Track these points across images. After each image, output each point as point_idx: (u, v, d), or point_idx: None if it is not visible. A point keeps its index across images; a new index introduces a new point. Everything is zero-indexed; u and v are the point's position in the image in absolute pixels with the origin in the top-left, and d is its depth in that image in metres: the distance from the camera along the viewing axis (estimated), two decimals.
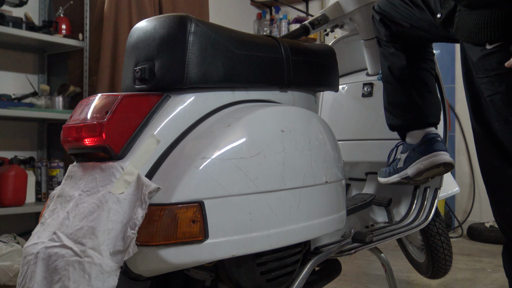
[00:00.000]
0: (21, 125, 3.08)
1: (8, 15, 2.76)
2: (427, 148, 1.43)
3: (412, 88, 1.47)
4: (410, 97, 1.46)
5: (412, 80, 1.47)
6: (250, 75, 1.18)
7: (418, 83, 1.47)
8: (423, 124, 1.46)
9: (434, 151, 1.42)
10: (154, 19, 1.13)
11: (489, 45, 1.07)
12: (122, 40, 2.95)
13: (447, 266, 1.96)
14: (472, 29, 1.10)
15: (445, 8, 1.25)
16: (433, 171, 1.43)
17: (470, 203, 3.78)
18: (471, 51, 1.13)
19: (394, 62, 1.49)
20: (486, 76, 1.10)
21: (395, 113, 1.51)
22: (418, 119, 1.47)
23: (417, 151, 1.45)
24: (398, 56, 1.48)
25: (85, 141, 1.01)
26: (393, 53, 1.49)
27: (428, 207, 1.69)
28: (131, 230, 0.92)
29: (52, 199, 1.07)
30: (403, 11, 1.41)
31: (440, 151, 1.42)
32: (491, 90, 1.09)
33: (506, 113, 1.08)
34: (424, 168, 1.42)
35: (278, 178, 1.08)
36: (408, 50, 1.48)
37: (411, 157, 1.46)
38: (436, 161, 1.41)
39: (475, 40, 1.10)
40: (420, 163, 1.43)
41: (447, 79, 3.72)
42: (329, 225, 1.22)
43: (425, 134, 1.45)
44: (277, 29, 4.44)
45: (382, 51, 1.54)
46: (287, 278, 1.21)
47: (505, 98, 1.07)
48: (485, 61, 1.09)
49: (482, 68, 1.10)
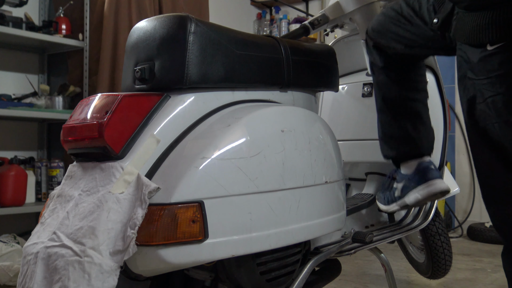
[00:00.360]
0: (21, 125, 3.08)
1: (8, 15, 2.76)
2: (421, 178, 1.45)
3: (407, 121, 1.48)
4: (404, 130, 1.48)
5: (406, 112, 1.48)
6: (250, 75, 1.18)
7: (412, 116, 1.48)
8: (417, 155, 1.48)
9: (429, 180, 1.44)
10: (154, 19, 1.14)
11: (490, 46, 1.07)
12: (122, 40, 2.95)
13: (447, 266, 1.96)
14: (472, 30, 1.09)
15: (441, 12, 1.25)
16: (430, 199, 1.47)
17: (470, 203, 3.78)
18: (471, 53, 1.13)
19: (389, 93, 1.49)
20: (487, 77, 1.09)
21: (390, 145, 1.52)
22: (412, 151, 1.49)
23: (413, 181, 1.47)
24: (392, 87, 1.49)
25: (85, 141, 1.01)
26: (387, 83, 1.49)
27: (428, 207, 1.69)
28: (131, 230, 0.92)
29: (52, 199, 1.07)
30: (396, 31, 1.41)
31: (435, 179, 1.44)
32: (492, 91, 1.09)
33: (507, 114, 1.08)
34: (422, 198, 1.45)
35: (278, 178, 1.08)
36: (402, 80, 1.48)
37: (407, 186, 1.48)
38: (432, 190, 1.43)
39: (475, 41, 1.09)
40: (417, 193, 1.45)
41: (447, 79, 3.72)
42: (329, 225, 1.22)
43: (419, 164, 1.47)
44: (277, 29, 4.45)
45: (376, 80, 1.54)
46: (287, 278, 1.21)
47: (506, 99, 1.07)
48: (486, 62, 1.09)
49: (482, 70, 1.10)
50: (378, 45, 1.48)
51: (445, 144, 1.73)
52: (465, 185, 3.79)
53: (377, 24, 1.48)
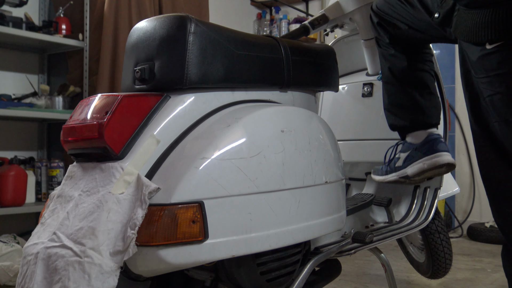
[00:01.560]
0: (21, 125, 3.08)
1: (8, 15, 2.76)
2: (430, 148, 1.44)
3: (415, 89, 1.48)
4: (413, 98, 1.47)
5: (414, 81, 1.48)
6: (250, 75, 1.18)
7: (420, 85, 1.48)
8: (426, 124, 1.47)
9: (438, 151, 1.43)
10: (154, 19, 1.13)
11: (489, 45, 1.07)
12: (122, 40, 2.95)
13: (447, 266, 1.96)
14: (472, 29, 1.09)
15: (442, 7, 1.25)
16: (435, 171, 1.44)
17: (470, 203, 3.78)
18: (470, 51, 1.12)
19: (395, 64, 1.49)
20: (486, 76, 1.09)
21: (398, 114, 1.51)
22: (421, 120, 1.48)
23: (420, 151, 1.45)
24: (398, 58, 1.49)
25: (85, 142, 1.01)
26: (393, 55, 1.49)
27: (428, 207, 1.69)
28: (131, 230, 0.92)
29: (52, 199, 1.07)
30: (400, 11, 1.41)
31: (444, 152, 1.43)
32: (491, 90, 1.09)
33: (506, 113, 1.08)
34: (427, 168, 1.43)
35: (278, 178, 1.08)
36: (408, 52, 1.48)
37: (413, 156, 1.47)
38: (439, 161, 1.42)
39: (474, 39, 1.09)
40: (423, 163, 1.43)
41: (447, 79, 3.72)
42: (329, 225, 1.22)
43: (428, 135, 1.46)
44: (277, 29, 4.44)
45: (381, 52, 1.54)
46: (287, 278, 1.21)
47: (505, 98, 1.07)
48: (485, 61, 1.08)
49: (481, 68, 1.10)
50: (383, 22, 1.48)
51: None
52: (465, 185, 3.79)
53: (383, 3, 1.48)
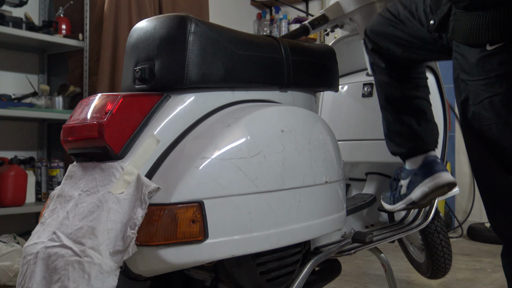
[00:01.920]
0: (21, 125, 3.08)
1: (8, 15, 2.76)
2: (428, 171, 1.45)
3: (412, 117, 1.49)
4: (410, 127, 1.49)
5: (411, 110, 1.49)
6: (250, 75, 1.18)
7: (417, 112, 1.49)
8: (423, 151, 1.48)
9: (436, 172, 1.43)
10: (154, 19, 1.13)
11: (489, 46, 1.06)
12: (122, 40, 2.95)
13: (446, 265, 1.96)
14: (471, 30, 1.09)
15: (437, 14, 1.25)
16: (437, 192, 1.45)
17: (470, 203, 3.78)
18: (468, 53, 1.12)
19: (392, 92, 1.50)
20: (485, 77, 1.09)
21: (397, 142, 1.53)
22: (418, 146, 1.49)
23: (419, 175, 1.46)
24: (394, 86, 1.49)
25: (85, 141, 1.01)
26: (389, 83, 1.50)
27: (428, 207, 1.69)
28: (131, 230, 0.92)
29: (52, 199, 1.07)
30: (394, 32, 1.41)
31: (442, 172, 1.43)
32: (491, 92, 1.08)
33: (506, 115, 1.08)
34: (429, 191, 1.43)
35: (278, 178, 1.08)
36: (403, 79, 1.49)
37: (414, 181, 1.47)
38: (439, 182, 1.42)
39: (474, 41, 1.09)
40: (424, 186, 1.44)
41: (447, 79, 3.70)
42: (329, 225, 1.22)
43: (424, 158, 1.47)
44: (277, 29, 4.44)
45: (377, 80, 1.54)
46: (287, 278, 1.21)
47: (505, 99, 1.07)
48: (485, 62, 1.08)
49: (481, 70, 1.09)
50: (377, 47, 1.48)
51: (445, 144, 1.73)
52: (465, 185, 3.79)
53: (375, 26, 1.48)
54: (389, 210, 1.62)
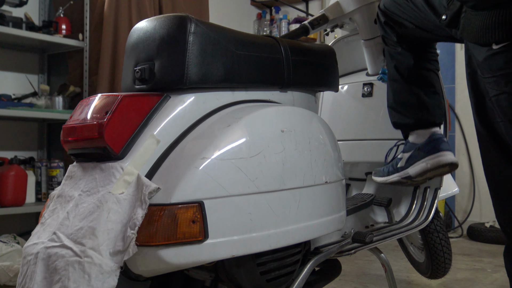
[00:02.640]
0: (21, 125, 3.08)
1: (8, 15, 2.76)
2: (433, 148, 1.44)
3: (420, 88, 1.48)
4: (418, 97, 1.48)
5: (420, 80, 1.49)
6: (250, 75, 1.18)
7: (425, 84, 1.49)
8: (430, 123, 1.48)
9: (441, 150, 1.43)
10: (154, 19, 1.13)
11: (495, 45, 1.07)
12: (122, 40, 2.95)
13: (446, 265, 1.96)
14: (479, 30, 1.10)
15: (450, 9, 1.25)
16: (438, 170, 1.44)
17: (470, 203, 3.78)
18: (477, 52, 1.13)
19: (401, 62, 1.50)
20: (492, 76, 1.10)
21: (402, 112, 1.52)
22: (426, 118, 1.48)
23: (423, 150, 1.45)
24: (404, 56, 1.49)
25: (85, 141, 1.01)
26: (400, 53, 1.50)
27: (428, 207, 1.69)
28: (131, 230, 0.92)
29: (52, 199, 1.07)
30: (408, 11, 1.42)
31: (447, 151, 1.43)
32: (497, 89, 1.09)
33: (511, 113, 1.09)
34: (430, 167, 1.43)
35: (278, 178, 1.08)
36: (414, 50, 1.49)
37: (415, 156, 1.46)
38: (442, 160, 1.42)
39: (481, 40, 1.10)
40: (426, 162, 1.43)
41: (447, 79, 3.72)
42: (329, 225, 1.22)
43: (431, 134, 1.46)
44: (277, 29, 4.44)
45: (388, 50, 1.54)
46: (287, 278, 1.21)
47: (511, 97, 1.08)
48: (492, 61, 1.09)
49: (488, 68, 1.10)
50: (390, 22, 1.49)
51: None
52: (465, 185, 3.79)
53: (389, 3, 1.48)
54: (380, 182, 1.61)
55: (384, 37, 1.55)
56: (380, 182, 1.61)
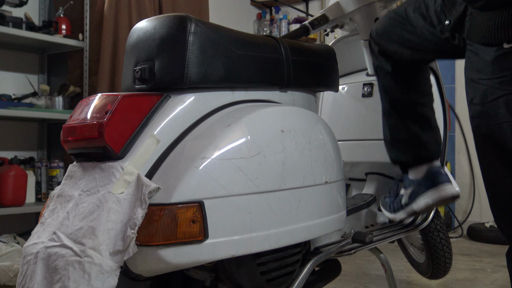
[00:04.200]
0: (21, 125, 3.08)
1: (8, 15, 2.76)
2: (432, 182, 1.42)
3: (416, 124, 1.46)
4: (415, 134, 1.46)
5: (415, 116, 1.46)
6: (250, 75, 1.18)
7: (421, 120, 1.47)
8: (427, 159, 1.46)
9: (440, 184, 1.41)
10: (154, 19, 1.14)
11: (507, 44, 1.07)
12: (122, 40, 2.95)
13: (447, 265, 1.96)
14: (488, 30, 1.09)
15: (453, 14, 1.24)
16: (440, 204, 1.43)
17: (470, 203, 3.78)
18: (484, 53, 1.12)
19: (397, 97, 1.47)
20: (501, 75, 1.09)
21: (399, 149, 1.50)
22: (424, 155, 1.46)
23: (423, 186, 1.44)
24: (400, 91, 1.46)
25: (85, 141, 1.01)
26: (394, 88, 1.47)
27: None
28: (131, 230, 0.92)
29: (52, 199, 1.07)
30: (402, 35, 1.38)
31: (446, 184, 1.42)
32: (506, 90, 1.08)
33: None
34: (432, 203, 1.42)
35: (278, 178, 1.08)
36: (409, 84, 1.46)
37: (416, 192, 1.45)
38: (443, 195, 1.40)
39: (491, 40, 1.09)
40: (428, 198, 1.42)
41: (447, 79, 3.72)
42: (329, 225, 1.22)
43: (429, 168, 1.45)
44: (277, 29, 4.44)
45: (382, 84, 1.51)
46: (287, 278, 1.21)
47: None
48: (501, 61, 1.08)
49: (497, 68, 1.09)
50: (384, 50, 1.46)
51: (445, 144, 1.73)
52: (465, 185, 3.80)
53: (382, 29, 1.46)
54: (389, 218, 1.61)
55: (377, 68, 1.51)
56: (389, 218, 1.61)
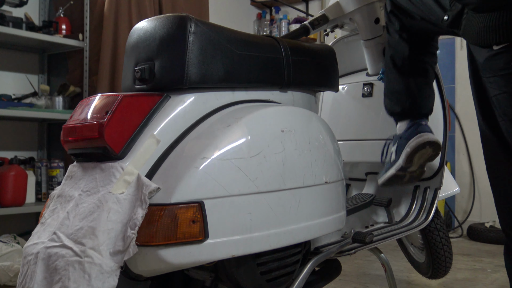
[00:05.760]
0: (21, 125, 3.08)
1: (8, 15, 2.76)
2: (412, 132, 1.48)
3: (411, 77, 1.51)
4: (407, 86, 1.51)
5: (412, 71, 1.52)
6: (250, 75, 1.18)
7: (417, 74, 1.52)
8: (416, 114, 1.51)
9: (418, 133, 1.45)
10: (154, 19, 1.13)
11: (496, 46, 1.09)
12: (122, 40, 2.95)
13: (447, 264, 1.96)
14: (479, 32, 1.11)
15: (452, 10, 1.26)
16: (420, 153, 1.46)
17: (470, 203, 3.78)
18: (478, 53, 1.15)
19: (398, 51, 1.53)
20: (493, 76, 1.11)
21: (393, 99, 1.56)
22: (412, 108, 1.51)
23: (404, 138, 1.49)
24: (402, 46, 1.52)
25: (85, 141, 1.01)
26: (398, 42, 1.53)
27: (428, 207, 1.69)
28: (131, 230, 0.92)
29: (52, 199, 1.07)
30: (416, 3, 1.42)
31: (425, 132, 1.45)
32: (498, 89, 1.11)
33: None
34: (411, 151, 1.45)
35: (278, 178, 1.08)
36: (414, 42, 1.52)
37: (400, 145, 1.50)
38: (420, 141, 1.45)
39: (482, 42, 1.11)
40: (407, 147, 1.46)
41: (447, 79, 3.73)
42: (329, 225, 1.22)
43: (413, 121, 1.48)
44: (277, 29, 4.44)
45: (388, 39, 1.58)
46: (287, 278, 1.21)
47: (511, 97, 1.09)
48: (492, 62, 1.11)
49: (488, 69, 1.12)
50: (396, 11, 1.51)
51: (445, 144, 1.73)
52: (465, 185, 3.80)
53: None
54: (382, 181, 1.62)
55: (387, 25, 1.58)
56: (382, 181, 1.61)
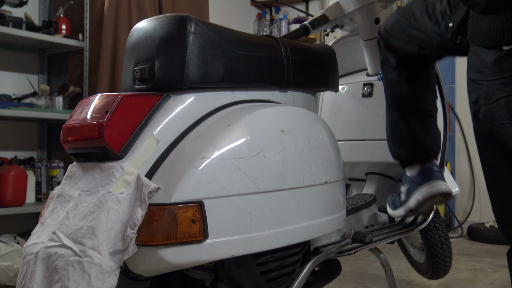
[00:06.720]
0: (21, 125, 3.08)
1: (8, 15, 2.76)
2: (424, 178, 1.43)
3: (416, 120, 1.46)
4: (413, 129, 1.46)
5: (416, 112, 1.47)
6: (250, 75, 1.18)
7: (422, 115, 1.47)
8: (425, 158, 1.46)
9: (431, 180, 1.42)
10: (154, 19, 1.14)
11: (506, 47, 1.08)
12: (122, 40, 2.95)
13: (446, 264, 1.96)
14: (488, 33, 1.10)
15: (456, 16, 1.25)
16: (432, 200, 1.43)
17: (470, 203, 3.78)
18: (484, 55, 1.13)
19: (399, 92, 1.48)
20: (501, 77, 1.10)
21: (397, 143, 1.51)
22: (419, 152, 1.47)
23: (415, 182, 1.45)
24: (402, 86, 1.47)
25: (85, 141, 1.01)
26: (398, 82, 1.48)
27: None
28: (131, 230, 0.92)
29: (52, 199, 1.07)
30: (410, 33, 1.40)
31: (437, 180, 1.42)
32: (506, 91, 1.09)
33: None
34: (422, 199, 1.42)
35: (278, 178, 1.08)
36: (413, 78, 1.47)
37: (411, 189, 1.46)
38: (433, 191, 1.41)
39: (491, 43, 1.10)
40: (418, 194, 1.43)
41: (447, 79, 3.73)
42: (329, 225, 1.22)
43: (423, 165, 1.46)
44: (277, 29, 4.44)
45: (386, 78, 1.52)
46: (287, 278, 1.21)
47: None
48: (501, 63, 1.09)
49: (497, 70, 1.11)
50: (390, 46, 1.47)
51: (445, 144, 1.73)
52: (465, 185, 3.79)
53: (390, 26, 1.47)
54: (390, 215, 1.62)
55: (383, 63, 1.53)
56: (390, 214, 1.61)
